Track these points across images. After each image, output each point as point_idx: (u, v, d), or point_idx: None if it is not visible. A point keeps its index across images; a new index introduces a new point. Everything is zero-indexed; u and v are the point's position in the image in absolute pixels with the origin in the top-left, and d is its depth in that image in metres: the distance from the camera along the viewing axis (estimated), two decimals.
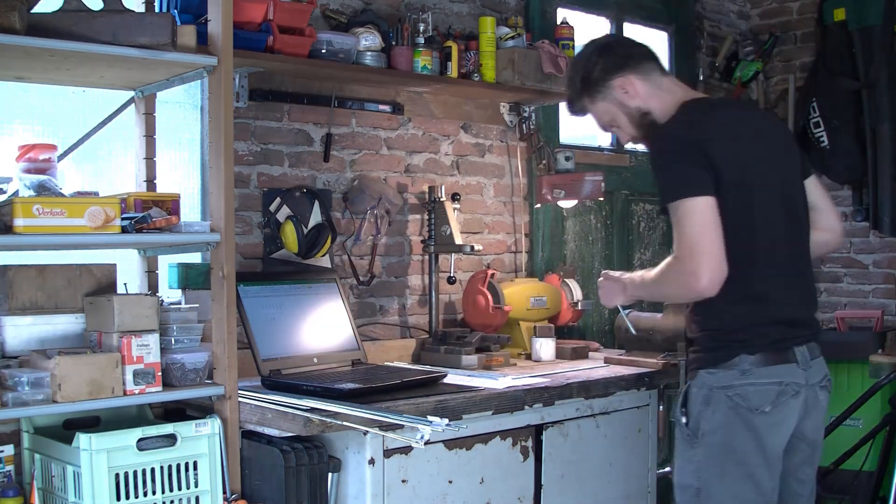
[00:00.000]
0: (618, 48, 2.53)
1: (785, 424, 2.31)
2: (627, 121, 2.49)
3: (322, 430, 2.37)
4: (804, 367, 2.33)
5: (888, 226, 4.45)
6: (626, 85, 2.45)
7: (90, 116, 2.80)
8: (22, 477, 2.50)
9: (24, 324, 2.45)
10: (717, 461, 2.30)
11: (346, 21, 3.28)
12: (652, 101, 2.45)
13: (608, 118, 2.52)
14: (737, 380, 2.28)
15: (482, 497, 2.72)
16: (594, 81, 2.48)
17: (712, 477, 2.31)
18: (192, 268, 2.80)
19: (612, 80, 2.46)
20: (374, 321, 3.43)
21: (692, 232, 2.21)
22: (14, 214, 2.18)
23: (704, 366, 2.34)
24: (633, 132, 2.51)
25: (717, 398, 2.30)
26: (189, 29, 2.49)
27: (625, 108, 2.47)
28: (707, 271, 2.18)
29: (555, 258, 3.99)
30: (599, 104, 2.51)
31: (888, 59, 4.39)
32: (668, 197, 2.27)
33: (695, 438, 2.33)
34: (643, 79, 2.46)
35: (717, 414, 2.30)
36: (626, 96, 2.46)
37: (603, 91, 2.48)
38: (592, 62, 2.49)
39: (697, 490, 2.33)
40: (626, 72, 2.45)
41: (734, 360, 2.29)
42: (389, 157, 3.50)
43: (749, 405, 2.27)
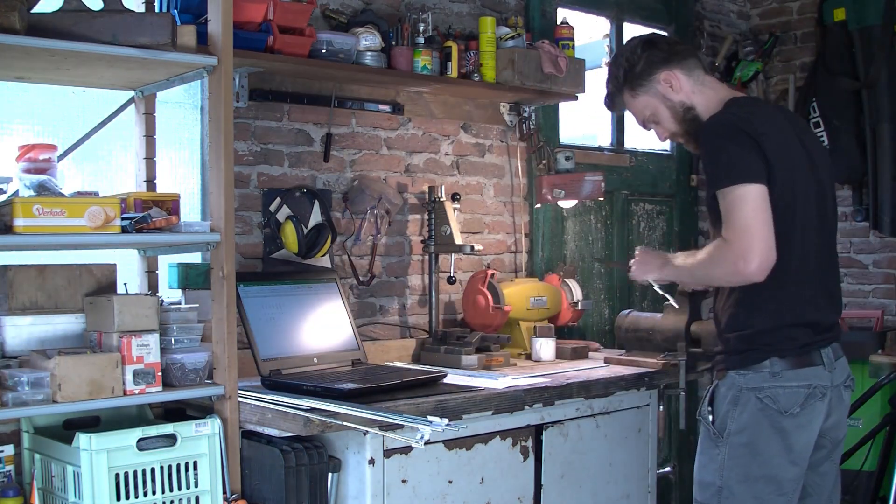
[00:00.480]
0: (662, 43, 2.52)
1: (811, 426, 2.33)
2: (670, 115, 2.48)
3: (322, 430, 2.37)
4: (829, 370, 2.35)
5: (888, 226, 4.45)
6: (670, 79, 2.45)
7: (90, 116, 2.80)
8: (22, 477, 2.50)
9: (24, 324, 2.45)
10: (741, 461, 2.32)
11: (346, 21, 3.28)
12: (696, 97, 2.46)
13: (649, 112, 2.51)
14: (766, 382, 2.30)
15: (482, 497, 2.72)
16: (638, 74, 2.48)
17: (735, 476, 2.32)
18: (192, 268, 2.80)
19: (656, 74, 2.46)
20: (374, 321, 3.43)
21: (745, 216, 2.20)
22: (14, 214, 2.18)
23: (734, 367, 2.35)
24: (674, 128, 2.50)
25: (746, 399, 2.32)
26: (189, 29, 2.49)
27: (668, 102, 2.47)
28: (758, 255, 2.18)
29: (555, 258, 3.99)
30: (641, 98, 2.50)
31: (888, 59, 4.39)
32: (722, 181, 2.25)
33: (720, 437, 2.35)
34: (687, 74, 2.46)
35: (744, 414, 2.32)
36: (670, 90, 2.46)
37: (646, 84, 2.48)
38: (637, 55, 2.48)
39: (719, 489, 2.34)
40: (670, 66, 2.46)
41: (764, 362, 2.31)
42: (389, 157, 3.50)
43: (779, 407, 2.29)
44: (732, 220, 2.22)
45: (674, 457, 4.52)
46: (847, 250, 4.75)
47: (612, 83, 2.56)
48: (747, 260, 2.19)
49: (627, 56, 2.51)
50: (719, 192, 2.26)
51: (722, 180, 2.25)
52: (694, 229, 4.69)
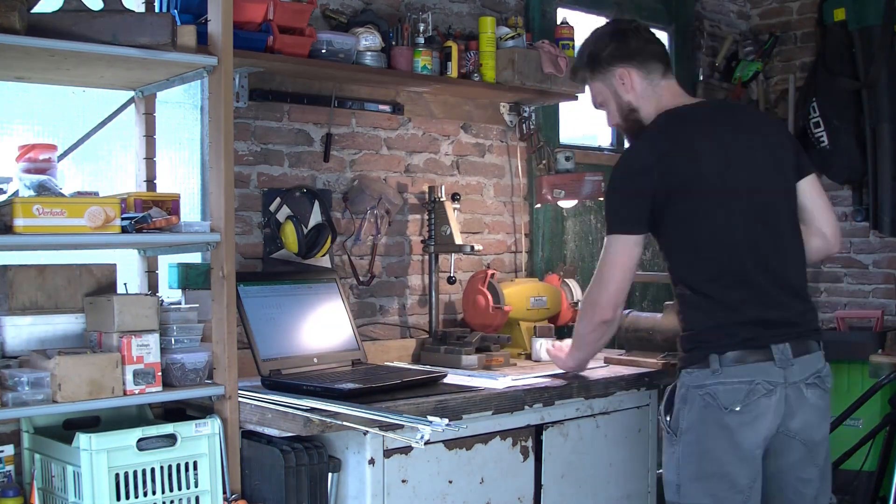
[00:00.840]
0: (632, 38, 2.56)
1: (758, 423, 2.31)
2: (616, 109, 2.59)
3: (322, 430, 2.37)
4: (782, 365, 2.32)
5: (888, 226, 4.45)
6: (624, 77, 2.54)
7: (90, 116, 2.80)
8: (22, 477, 2.49)
9: (24, 324, 2.45)
10: (692, 459, 2.36)
11: (346, 21, 3.28)
12: (643, 101, 2.54)
13: (601, 99, 2.63)
14: (708, 379, 2.34)
15: (482, 497, 2.72)
16: (600, 61, 2.57)
17: (689, 474, 2.37)
18: (192, 268, 2.79)
19: (614, 67, 2.54)
20: (374, 321, 3.43)
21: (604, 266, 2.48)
22: (14, 214, 2.18)
23: (684, 365, 2.42)
24: (619, 121, 2.61)
25: (693, 397, 2.37)
26: (189, 29, 2.49)
27: (617, 97, 2.57)
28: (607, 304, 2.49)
29: (555, 258, 3.99)
30: (597, 83, 2.60)
31: (888, 59, 4.39)
32: (608, 228, 2.49)
33: (674, 436, 2.41)
34: (643, 76, 2.53)
35: (692, 412, 2.36)
36: (622, 87, 2.55)
37: (604, 73, 2.57)
38: (604, 43, 2.57)
39: (677, 486, 2.40)
40: (630, 64, 2.53)
41: (706, 359, 2.34)
42: (389, 157, 3.50)
43: (719, 404, 2.31)
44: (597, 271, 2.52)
45: None
46: (847, 250, 4.75)
47: (577, 60, 2.70)
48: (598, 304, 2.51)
49: (596, 40, 2.61)
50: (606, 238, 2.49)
51: (608, 226, 2.49)
52: None
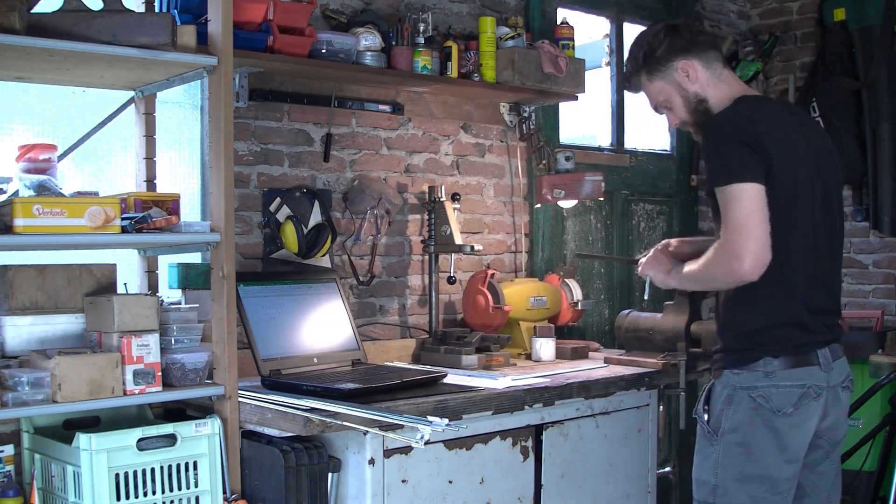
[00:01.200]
0: (685, 31, 2.51)
1: (806, 426, 2.33)
2: (682, 104, 2.50)
3: (322, 430, 2.37)
4: (826, 370, 2.35)
5: (888, 226, 4.45)
6: (687, 68, 2.46)
7: (90, 116, 2.80)
8: (22, 477, 2.50)
9: (24, 324, 2.45)
10: (735, 460, 2.33)
11: (346, 21, 3.28)
12: (710, 90, 2.47)
13: (663, 98, 2.53)
14: (760, 381, 2.31)
15: (482, 497, 2.72)
16: (657, 59, 2.49)
17: (729, 475, 2.33)
18: (192, 268, 2.80)
19: (674, 62, 2.47)
20: (374, 321, 3.43)
21: (740, 215, 2.23)
22: (14, 214, 2.18)
23: (729, 366, 2.37)
24: (685, 116, 2.52)
25: (741, 398, 2.33)
26: (189, 29, 2.49)
27: (682, 90, 2.48)
28: (751, 254, 2.21)
29: (555, 258, 3.99)
30: (657, 83, 2.51)
31: (888, 59, 4.39)
32: (718, 179, 2.29)
33: (714, 436, 2.36)
34: (705, 66, 2.47)
35: (738, 413, 2.33)
36: (686, 80, 2.47)
37: (663, 70, 2.49)
38: (659, 40, 2.49)
39: (714, 487, 2.36)
40: (690, 55, 2.46)
41: (758, 362, 2.31)
42: (389, 157, 3.50)
43: (772, 406, 2.30)
44: (727, 220, 2.25)
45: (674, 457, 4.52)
46: (847, 250, 4.74)
47: (632, 64, 2.56)
48: (741, 259, 2.21)
49: (649, 39, 2.52)
50: (717, 189, 2.29)
51: (719, 177, 2.28)
52: (694, 229, 4.68)
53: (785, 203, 2.28)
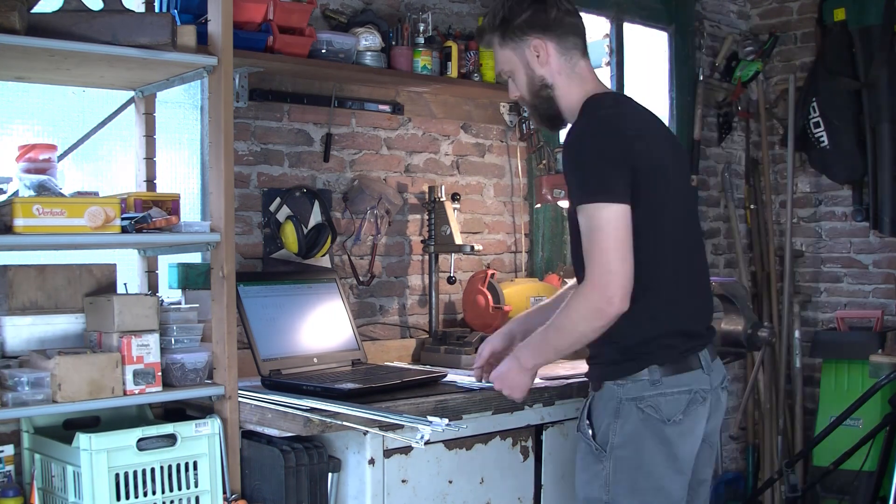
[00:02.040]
0: (552, 8, 2.33)
1: (695, 433, 2.28)
2: (525, 82, 2.37)
3: (322, 430, 2.37)
4: (708, 372, 2.30)
5: (888, 226, 4.45)
6: (540, 48, 2.32)
7: (90, 116, 2.80)
8: (22, 477, 2.50)
9: (24, 324, 2.45)
10: (627, 474, 2.25)
11: (346, 21, 3.28)
12: (559, 78, 2.34)
13: (508, 68, 2.40)
14: (647, 391, 2.23)
15: (482, 497, 2.72)
16: (512, 28, 2.34)
17: (622, 490, 2.25)
18: (192, 268, 2.80)
19: (528, 37, 2.33)
20: (374, 321, 3.43)
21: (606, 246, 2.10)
22: (14, 214, 2.18)
23: (611, 377, 2.28)
24: (525, 96, 2.40)
25: (628, 410, 2.24)
26: (189, 29, 2.49)
27: (528, 69, 2.35)
28: (619, 290, 2.10)
29: (555, 258, 3.99)
30: (507, 52, 2.37)
31: (888, 59, 4.39)
32: (581, 198, 2.16)
33: (603, 452, 2.27)
34: (561, 52, 2.33)
35: (627, 426, 2.24)
36: (536, 60, 2.33)
37: (516, 41, 2.34)
38: (522, 8, 2.33)
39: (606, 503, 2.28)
40: (547, 36, 2.32)
41: (643, 371, 2.24)
42: (389, 157, 3.50)
43: (661, 416, 2.23)
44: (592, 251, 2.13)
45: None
46: (847, 250, 4.75)
47: (488, 20, 2.40)
48: (611, 301, 2.11)
49: (512, 4, 2.35)
50: (581, 207, 2.16)
51: (583, 196, 2.15)
52: None
53: (655, 209, 2.20)
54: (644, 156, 2.18)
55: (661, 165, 2.24)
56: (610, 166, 2.14)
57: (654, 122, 2.36)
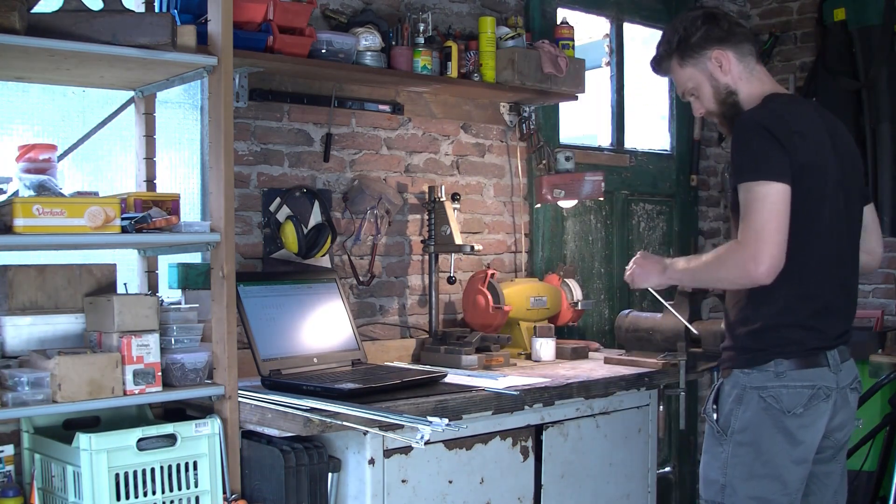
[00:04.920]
0: (723, 21, 2.49)
1: (815, 426, 2.33)
2: (711, 94, 2.48)
3: (322, 430, 2.37)
4: (835, 371, 2.35)
5: (888, 226, 4.44)
6: (721, 58, 2.44)
7: (90, 116, 2.80)
8: (22, 477, 2.50)
9: (24, 324, 2.45)
10: (744, 460, 2.33)
11: (346, 21, 3.28)
12: (741, 84, 2.45)
13: (692, 85, 2.51)
14: (771, 381, 2.31)
15: (482, 497, 2.72)
16: (691, 46, 2.47)
17: (738, 475, 2.34)
18: (192, 268, 2.80)
19: (708, 50, 2.45)
20: (374, 321, 3.43)
21: (762, 217, 2.20)
22: (14, 214, 2.18)
23: (739, 365, 2.37)
24: (712, 107, 2.50)
25: (750, 398, 2.33)
26: (189, 29, 2.49)
27: (713, 81, 2.47)
28: (769, 258, 2.19)
29: (555, 258, 3.99)
30: (688, 69, 2.49)
31: (888, 59, 4.39)
32: (745, 175, 2.26)
33: (724, 436, 2.36)
34: (739, 58, 2.45)
35: (748, 413, 2.33)
36: (719, 70, 2.45)
37: (696, 58, 2.47)
38: (696, 27, 2.47)
39: (722, 486, 2.36)
40: (725, 46, 2.44)
41: (769, 363, 2.32)
42: (389, 157, 3.50)
43: (782, 407, 2.30)
44: (748, 220, 2.23)
45: (674, 457, 4.52)
46: None
47: (664, 47, 2.53)
48: (758, 263, 2.19)
49: (686, 25, 2.49)
50: (741, 186, 2.26)
51: (746, 173, 2.26)
52: (694, 229, 4.69)
53: (810, 205, 2.28)
54: (802, 152, 2.26)
55: (821, 165, 2.31)
56: (774, 149, 2.24)
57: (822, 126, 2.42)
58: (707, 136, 4.75)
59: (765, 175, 2.22)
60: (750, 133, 2.29)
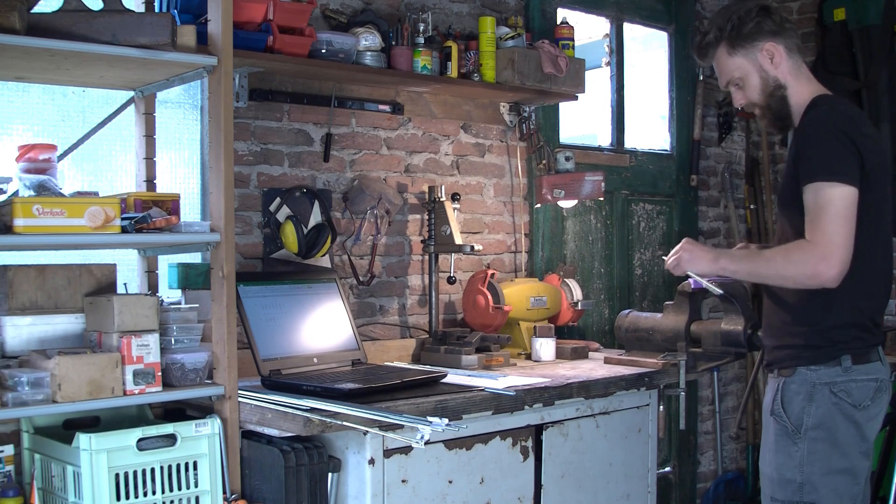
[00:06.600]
0: (777, 16, 2.50)
1: (879, 418, 2.41)
2: (759, 85, 2.48)
3: (322, 430, 2.37)
4: (885, 365, 2.43)
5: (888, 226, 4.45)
6: (773, 51, 2.45)
7: (90, 116, 2.80)
8: (22, 477, 2.50)
9: (24, 324, 2.45)
10: (821, 455, 2.36)
11: (346, 21, 3.28)
12: (790, 79, 2.47)
13: (738, 75, 2.50)
14: (839, 377, 2.36)
15: (482, 497, 2.72)
16: (744, 35, 2.46)
17: (817, 471, 2.36)
18: (192, 268, 2.80)
19: (761, 41, 2.46)
20: (374, 321, 3.43)
21: (835, 219, 2.21)
22: (14, 214, 2.18)
23: (805, 363, 2.39)
24: (757, 98, 2.50)
25: (821, 394, 2.36)
26: (189, 29, 2.49)
27: (762, 72, 2.47)
28: (838, 262, 2.22)
29: (555, 258, 3.99)
30: (737, 59, 2.49)
31: (888, 59, 4.39)
32: (818, 175, 2.26)
33: (797, 434, 2.38)
34: (789, 54, 2.47)
35: (820, 409, 2.36)
36: (769, 62, 2.46)
37: (748, 47, 2.47)
38: (750, 17, 2.47)
39: (801, 484, 2.38)
40: (778, 39, 2.46)
41: (836, 359, 2.36)
42: (389, 157, 3.50)
43: (852, 401, 2.35)
44: (820, 220, 2.23)
45: (674, 457, 4.52)
46: None
47: (714, 33, 2.51)
48: (830, 264, 2.22)
49: (741, 14, 2.48)
50: (811, 185, 2.26)
51: (819, 173, 2.26)
52: (694, 229, 4.68)
53: (873, 207, 2.32)
54: (871, 155, 2.30)
55: (884, 168, 2.37)
56: (848, 152, 2.26)
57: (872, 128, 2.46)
58: (707, 136, 4.75)
59: (839, 177, 2.23)
60: (827, 133, 2.30)
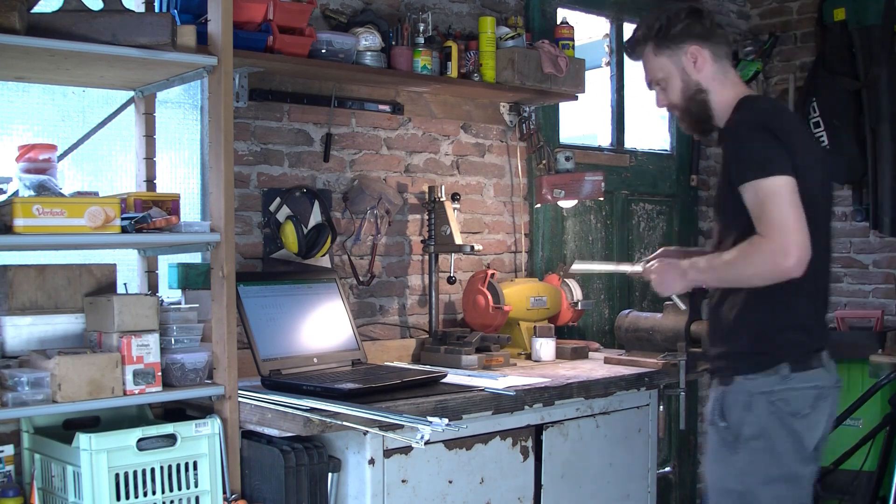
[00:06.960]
0: (706, 20, 2.49)
1: (819, 426, 2.36)
2: (680, 89, 2.48)
3: (322, 430, 2.37)
4: (829, 371, 2.38)
5: (888, 226, 4.44)
6: (697, 55, 2.45)
7: (90, 116, 2.80)
8: (22, 477, 2.50)
9: (24, 324, 2.45)
10: (760, 465, 2.33)
11: (346, 21, 3.28)
12: (713, 84, 2.45)
13: (661, 76, 2.50)
14: (777, 385, 2.31)
15: (482, 497, 2.72)
16: (670, 37, 2.46)
17: (757, 480, 2.33)
18: (192, 268, 2.80)
19: (686, 45, 2.45)
20: (374, 321, 3.43)
21: (781, 210, 2.18)
22: (14, 214, 2.18)
23: (742, 372, 2.35)
24: (677, 101, 2.50)
25: (758, 403, 2.32)
26: (189, 29, 2.49)
27: (684, 75, 2.46)
28: (797, 249, 2.17)
29: (555, 258, 3.99)
30: (662, 59, 2.48)
31: (888, 59, 4.39)
32: (750, 174, 2.23)
33: (737, 443, 2.34)
34: (715, 59, 2.46)
35: (759, 418, 2.32)
36: (692, 66, 2.45)
37: (672, 49, 2.46)
38: (679, 19, 2.47)
39: (741, 493, 2.35)
40: (703, 44, 2.45)
41: (773, 368, 2.31)
42: (389, 157, 3.50)
43: (790, 410, 2.31)
44: (768, 216, 2.20)
45: (674, 457, 4.52)
46: (847, 250, 4.75)
47: (643, 31, 2.52)
48: (788, 255, 2.17)
49: (670, 15, 2.48)
50: (747, 185, 2.24)
51: (752, 171, 2.23)
52: (694, 229, 4.68)
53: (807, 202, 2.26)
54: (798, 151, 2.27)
55: (811, 165, 2.32)
56: (776, 147, 2.24)
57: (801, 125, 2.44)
58: None
59: (772, 171, 2.21)
60: (750, 133, 2.28)
